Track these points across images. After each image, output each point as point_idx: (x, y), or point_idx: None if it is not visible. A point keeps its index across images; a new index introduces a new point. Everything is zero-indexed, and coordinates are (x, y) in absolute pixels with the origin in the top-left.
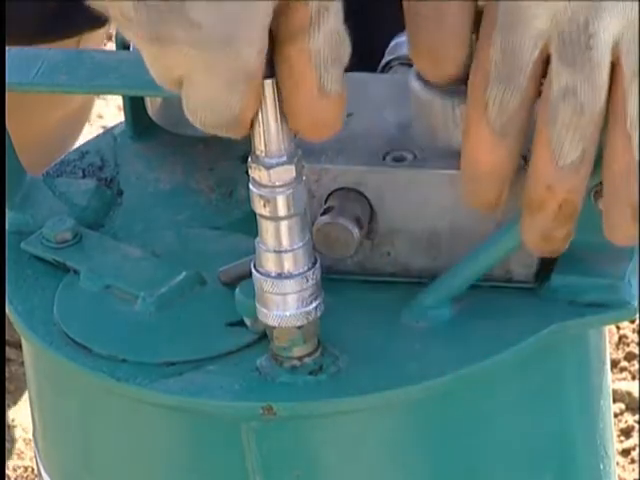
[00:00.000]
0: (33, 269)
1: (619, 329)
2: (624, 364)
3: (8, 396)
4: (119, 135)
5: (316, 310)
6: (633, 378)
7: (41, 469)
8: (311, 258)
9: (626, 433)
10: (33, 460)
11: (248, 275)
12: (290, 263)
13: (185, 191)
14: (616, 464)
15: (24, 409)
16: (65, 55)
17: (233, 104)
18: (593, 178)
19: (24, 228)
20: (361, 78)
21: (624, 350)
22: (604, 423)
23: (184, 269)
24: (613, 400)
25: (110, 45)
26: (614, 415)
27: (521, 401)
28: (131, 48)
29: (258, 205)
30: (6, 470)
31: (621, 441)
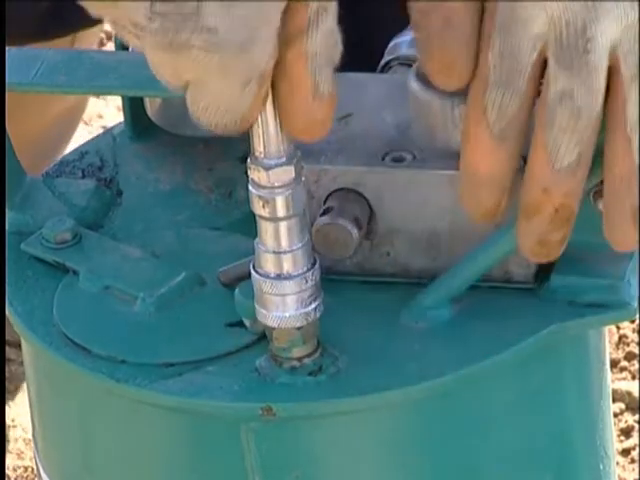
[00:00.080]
0: (33, 270)
1: (619, 329)
2: (624, 364)
3: (8, 396)
4: (118, 135)
5: (315, 311)
6: (633, 378)
7: (40, 470)
8: (310, 259)
9: (626, 433)
10: (33, 460)
11: (247, 276)
12: (289, 264)
13: (184, 191)
14: (616, 464)
15: (24, 409)
16: (64, 56)
17: (243, 104)
18: (590, 180)
19: (24, 228)
20: (360, 78)
21: (624, 350)
22: (604, 423)
23: (183, 269)
24: (613, 400)
25: (110, 45)
26: (614, 415)
27: (521, 401)
28: (130, 49)
29: (257, 206)
30: (6, 470)
31: (621, 441)
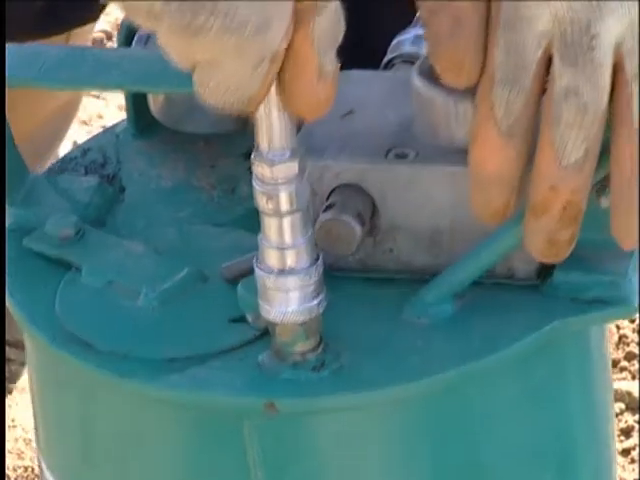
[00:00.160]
0: (36, 265)
1: (619, 329)
2: (624, 364)
3: (8, 396)
4: (121, 132)
5: (318, 306)
6: (633, 378)
7: (42, 465)
8: (313, 254)
9: (626, 433)
10: (33, 460)
11: (251, 272)
12: (292, 259)
13: (187, 188)
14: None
15: (24, 409)
16: (67, 52)
17: (253, 84)
18: (595, 176)
19: (27, 225)
20: (363, 76)
21: (624, 350)
22: (606, 419)
23: (186, 265)
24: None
25: (110, 45)
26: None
27: (523, 397)
28: (133, 46)
29: (261, 201)
30: (6, 470)
31: (621, 441)
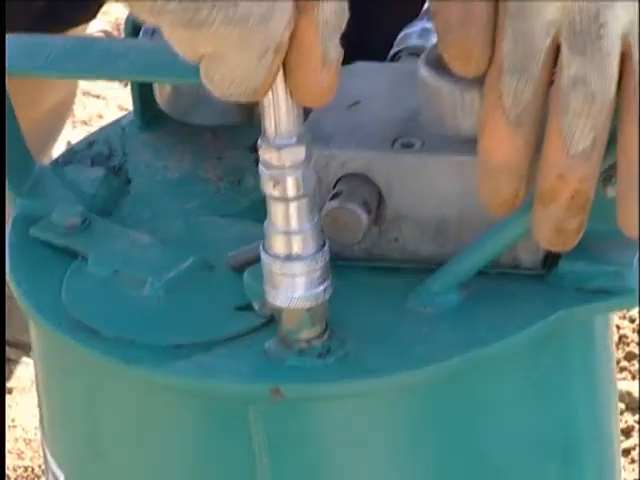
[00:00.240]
0: (42, 254)
1: (619, 329)
2: (624, 364)
3: (8, 396)
4: (127, 125)
5: (325, 292)
6: (633, 378)
7: (47, 455)
8: (320, 240)
9: (626, 433)
10: (33, 460)
11: (257, 260)
12: (299, 245)
13: (193, 180)
14: None
15: (24, 409)
16: (74, 42)
17: (259, 74)
18: (602, 164)
19: (33, 215)
20: (369, 67)
21: (624, 350)
22: (609, 410)
23: (192, 255)
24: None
25: None
26: None
27: (527, 386)
28: (140, 37)
29: (268, 186)
30: (6, 470)
31: (621, 441)
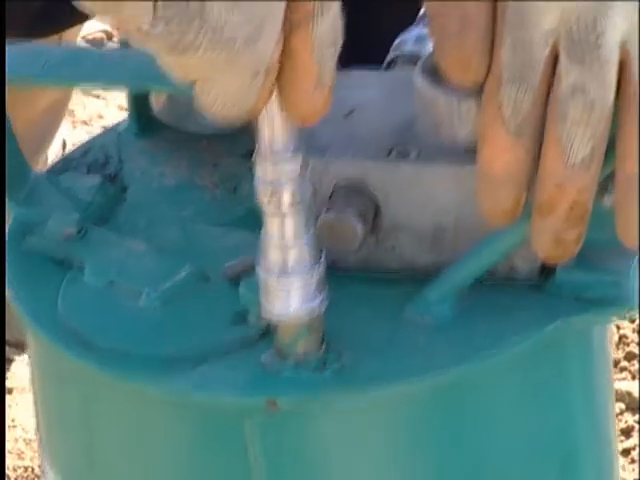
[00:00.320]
0: (38, 264)
1: (619, 329)
2: (624, 364)
3: (8, 396)
4: (123, 131)
5: (320, 305)
6: (633, 378)
7: (45, 464)
8: (315, 253)
9: (626, 433)
10: (33, 460)
11: (254, 270)
12: (294, 258)
13: (189, 187)
14: None
15: (24, 409)
16: (70, 51)
17: (250, 96)
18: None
19: (29, 223)
20: (364, 75)
21: (624, 350)
22: (608, 418)
23: (188, 265)
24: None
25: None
26: None
27: (525, 396)
28: None
29: (263, 199)
30: (6, 470)
31: (621, 441)
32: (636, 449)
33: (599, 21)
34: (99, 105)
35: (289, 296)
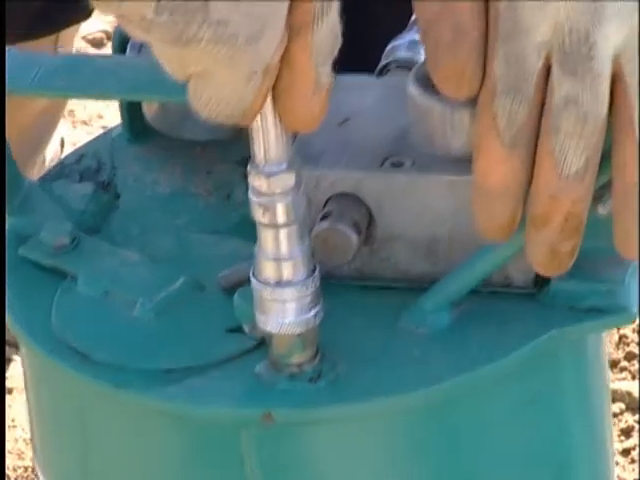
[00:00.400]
0: (31, 274)
1: (619, 329)
2: (624, 364)
3: (8, 396)
4: (116, 138)
5: (315, 317)
6: (633, 378)
7: (39, 474)
8: (310, 265)
9: (626, 433)
10: (33, 460)
11: (248, 280)
12: (289, 271)
13: (183, 194)
14: (616, 464)
15: (24, 409)
16: (63, 60)
17: (247, 96)
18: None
19: (22, 233)
20: (357, 82)
21: (624, 350)
22: (603, 428)
23: (182, 274)
24: (613, 400)
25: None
26: (614, 415)
27: (520, 406)
28: (127, 52)
29: (257, 213)
30: (6, 470)
31: (621, 441)
32: (636, 449)
33: (591, 33)
34: (99, 105)
35: (284, 308)
